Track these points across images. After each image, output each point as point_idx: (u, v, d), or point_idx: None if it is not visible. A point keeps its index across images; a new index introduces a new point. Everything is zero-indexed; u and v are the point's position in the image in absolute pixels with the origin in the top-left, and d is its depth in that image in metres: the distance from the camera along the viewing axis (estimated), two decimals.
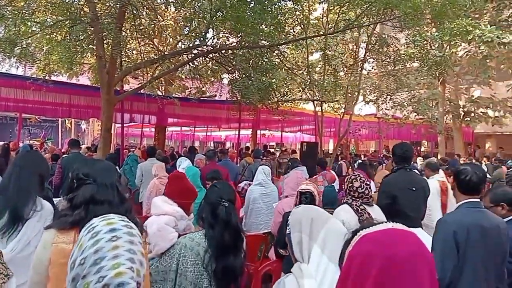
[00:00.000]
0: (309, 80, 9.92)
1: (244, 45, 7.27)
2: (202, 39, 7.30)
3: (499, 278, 2.24)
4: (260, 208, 4.52)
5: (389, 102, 10.96)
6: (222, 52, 7.71)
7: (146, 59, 8.53)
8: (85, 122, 19.89)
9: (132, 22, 7.35)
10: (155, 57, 8.45)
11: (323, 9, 10.03)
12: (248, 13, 6.32)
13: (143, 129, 14.53)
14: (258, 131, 15.68)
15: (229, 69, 8.30)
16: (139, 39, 8.30)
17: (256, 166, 5.81)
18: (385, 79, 11.17)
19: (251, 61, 7.79)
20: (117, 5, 6.16)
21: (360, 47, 11.79)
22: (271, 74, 8.17)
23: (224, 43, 8.12)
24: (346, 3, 8.05)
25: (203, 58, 8.55)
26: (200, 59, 8.53)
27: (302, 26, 9.38)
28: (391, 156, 4.34)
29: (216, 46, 7.69)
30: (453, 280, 2.14)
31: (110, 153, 7.14)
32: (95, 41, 6.73)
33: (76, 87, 9.29)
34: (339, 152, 13.59)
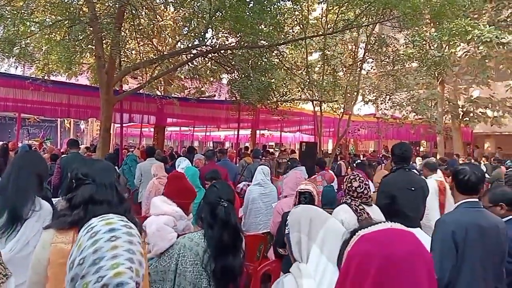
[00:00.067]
0: (308, 80, 9.92)
1: (243, 45, 7.27)
2: (201, 39, 7.29)
3: (497, 277, 2.24)
4: (259, 208, 4.52)
5: (388, 102, 10.96)
6: (221, 52, 7.70)
7: (145, 59, 8.51)
8: (84, 122, 19.86)
9: (131, 22, 7.34)
10: (154, 57, 8.44)
11: (322, 9, 10.04)
12: (247, 13, 6.32)
13: (142, 129, 14.52)
14: (257, 131, 15.68)
15: (228, 69, 8.30)
16: (138, 39, 8.29)
17: (255, 166, 5.82)
18: (384, 79, 11.18)
19: (250, 61, 7.78)
20: (116, 5, 6.14)
21: (359, 47, 11.79)
22: (270, 74, 8.17)
23: (223, 43, 8.12)
24: (345, 3, 8.05)
25: (202, 58, 8.54)
26: (199, 59, 8.52)
27: (301, 26, 9.39)
28: (390, 156, 4.34)
29: (215, 46, 7.69)
30: (452, 280, 2.15)
31: (109, 153, 7.13)
32: (94, 41, 6.72)
33: (75, 87, 9.25)
34: (338, 152, 13.61)
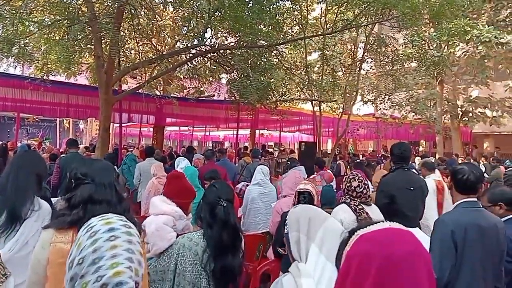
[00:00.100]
0: (307, 80, 9.92)
1: (243, 45, 7.26)
2: (200, 39, 7.28)
3: (497, 277, 2.24)
4: (259, 207, 4.52)
5: (387, 102, 10.98)
6: (220, 52, 7.69)
7: (144, 58, 8.51)
8: (83, 121, 19.86)
9: (130, 22, 7.33)
10: (153, 56, 8.44)
11: (321, 9, 10.04)
12: (247, 13, 6.31)
13: (141, 128, 14.53)
14: (257, 131, 15.70)
15: (227, 69, 8.29)
16: (137, 39, 8.28)
17: (255, 166, 5.82)
18: (383, 79, 11.20)
19: (249, 61, 7.78)
20: (115, 4, 6.14)
21: (358, 47, 11.78)
22: (269, 74, 8.17)
23: (222, 43, 8.11)
24: (344, 3, 8.06)
25: (202, 58, 8.53)
26: (198, 59, 8.51)
27: (300, 26, 9.39)
28: (389, 155, 4.34)
29: (215, 46, 7.68)
30: (451, 280, 2.15)
31: (108, 153, 7.13)
32: (93, 41, 6.70)
33: (74, 86, 9.25)
34: (337, 152, 13.61)
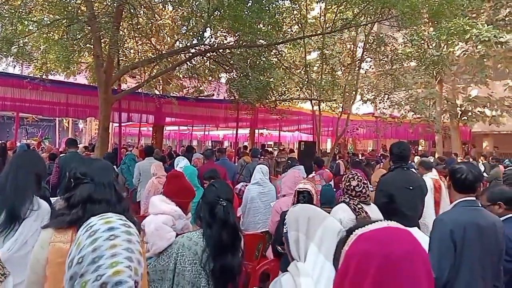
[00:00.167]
0: (306, 79, 9.92)
1: (242, 44, 7.26)
2: (199, 38, 7.28)
3: (496, 276, 2.25)
4: (258, 207, 4.52)
5: (386, 101, 10.99)
6: (219, 51, 7.69)
7: (143, 58, 8.51)
8: (83, 121, 19.87)
9: (129, 21, 7.33)
10: (153, 56, 8.42)
11: (320, 8, 10.03)
12: (246, 12, 6.31)
13: (140, 128, 14.52)
14: (256, 130, 15.70)
15: (226, 68, 8.29)
16: (136, 38, 8.28)
17: (254, 165, 5.81)
18: (382, 78, 11.20)
19: (248, 60, 7.77)
20: (114, 4, 6.14)
21: (358, 46, 11.79)
22: (268, 73, 8.17)
23: (221, 42, 8.10)
24: (344, 2, 8.05)
25: (201, 57, 8.53)
26: (197, 58, 8.51)
27: (299, 25, 9.39)
28: (389, 155, 4.35)
29: (214, 45, 7.67)
30: (450, 279, 2.15)
31: (108, 152, 7.13)
32: (92, 40, 6.70)
33: (74, 86, 9.24)
34: (337, 151, 13.60)
